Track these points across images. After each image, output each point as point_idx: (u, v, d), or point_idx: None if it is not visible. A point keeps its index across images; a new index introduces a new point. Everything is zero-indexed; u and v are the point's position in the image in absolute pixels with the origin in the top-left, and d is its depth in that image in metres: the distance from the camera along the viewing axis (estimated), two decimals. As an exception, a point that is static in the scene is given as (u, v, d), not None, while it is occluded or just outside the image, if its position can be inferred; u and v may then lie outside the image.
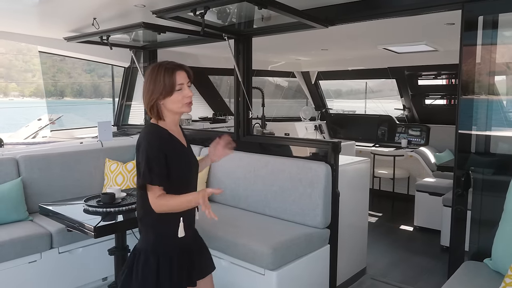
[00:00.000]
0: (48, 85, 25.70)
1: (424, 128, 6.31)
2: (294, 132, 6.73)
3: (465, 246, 2.62)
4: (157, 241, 1.88)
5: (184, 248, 1.93)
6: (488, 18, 2.44)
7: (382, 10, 2.88)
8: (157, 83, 1.81)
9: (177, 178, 1.85)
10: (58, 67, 25.52)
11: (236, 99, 3.72)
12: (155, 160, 1.77)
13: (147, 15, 3.12)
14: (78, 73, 24.08)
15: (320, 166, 2.98)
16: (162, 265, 1.84)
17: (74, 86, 24.80)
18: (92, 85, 27.14)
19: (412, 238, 4.66)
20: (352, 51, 5.80)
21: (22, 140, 5.72)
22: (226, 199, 3.55)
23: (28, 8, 3.26)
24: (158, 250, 1.86)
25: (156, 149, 1.79)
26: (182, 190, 1.83)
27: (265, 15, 2.99)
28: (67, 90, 28.08)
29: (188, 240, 1.94)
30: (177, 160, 1.85)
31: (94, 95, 27.44)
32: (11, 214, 3.15)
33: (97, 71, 22.45)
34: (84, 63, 17.95)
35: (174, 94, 1.81)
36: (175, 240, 1.87)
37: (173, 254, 1.87)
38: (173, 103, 1.83)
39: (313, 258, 2.89)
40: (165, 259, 1.85)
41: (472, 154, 2.59)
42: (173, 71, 1.81)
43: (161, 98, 1.82)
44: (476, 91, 2.53)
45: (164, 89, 1.80)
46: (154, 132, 1.86)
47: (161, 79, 1.80)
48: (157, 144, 1.80)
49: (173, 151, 1.85)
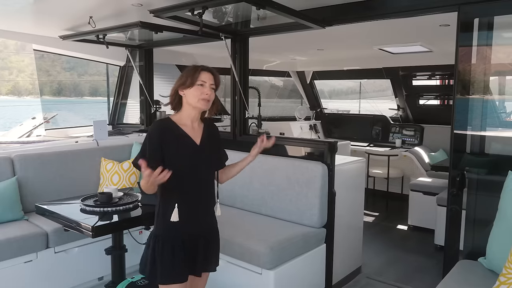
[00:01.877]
0: (26, 83, 25.18)
1: (418, 128, 6.35)
2: (289, 132, 6.74)
3: (460, 245, 2.66)
4: (160, 227, 1.97)
5: (190, 237, 1.98)
6: (483, 20, 2.47)
7: (378, 12, 2.90)
8: (184, 75, 2.01)
9: (171, 168, 1.86)
10: (36, 65, 25.08)
11: (232, 98, 3.73)
12: (149, 144, 1.94)
13: (143, 14, 3.11)
14: (57, 71, 23.48)
15: (317, 166, 3.00)
16: (166, 250, 1.93)
17: (53, 84, 24.24)
18: (71, 84, 26.61)
19: (406, 237, 4.71)
20: (348, 51, 5.82)
21: (16, 139, 5.68)
22: (222, 199, 3.53)
23: (24, 6, 3.24)
24: (162, 236, 1.95)
25: (153, 136, 1.96)
26: (178, 182, 1.92)
27: (261, 15, 3.00)
28: (45, 89, 27.47)
29: (193, 229, 2.00)
30: (172, 150, 1.95)
31: (73, 93, 26.96)
32: (6, 214, 3.13)
33: (77, 69, 21.94)
34: (64, 60, 17.54)
35: (194, 87, 1.97)
36: (176, 227, 1.94)
37: (176, 241, 1.94)
38: (192, 96, 1.97)
39: (309, 257, 2.91)
40: (168, 244, 1.93)
41: (467, 154, 2.62)
42: (201, 70, 2.01)
43: (182, 88, 1.98)
44: (472, 91, 2.56)
45: (187, 80, 1.97)
46: (159, 121, 2.08)
47: (189, 73, 2.00)
48: (155, 132, 1.97)
49: (170, 142, 1.95)
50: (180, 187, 1.96)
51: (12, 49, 23.01)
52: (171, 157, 1.94)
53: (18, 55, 24.85)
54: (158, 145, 1.92)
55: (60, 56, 5.16)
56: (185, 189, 1.98)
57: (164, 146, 1.93)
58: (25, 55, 23.83)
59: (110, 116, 5.38)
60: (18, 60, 26.35)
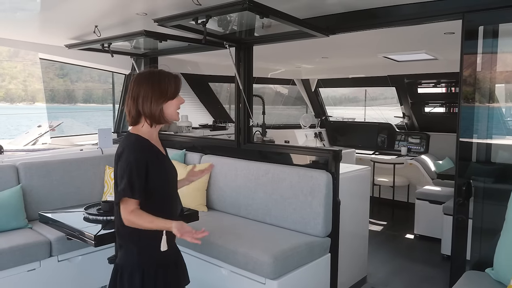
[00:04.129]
0: (18, 90, 25.11)
1: (424, 136, 6.32)
2: (294, 140, 6.73)
3: (467, 255, 2.62)
4: (141, 256, 1.84)
5: (168, 262, 1.91)
6: (488, 28, 2.45)
7: (382, 20, 2.89)
8: (167, 85, 1.84)
9: (157, 190, 1.83)
10: (28, 72, 24.82)
11: (237, 106, 3.72)
12: (138, 174, 1.75)
13: (148, 23, 3.13)
14: (50, 77, 23.41)
15: (321, 175, 2.98)
16: (147, 280, 1.82)
17: (46, 91, 24.18)
18: (65, 90, 26.57)
19: (412, 247, 4.65)
20: (353, 59, 5.82)
21: (22, 147, 5.71)
22: (226, 207, 3.54)
23: (31, 16, 3.27)
24: (143, 265, 1.83)
25: (140, 163, 1.77)
26: (162, 203, 1.84)
27: (265, 24, 3.01)
28: (38, 96, 27.27)
29: (172, 253, 1.92)
30: (158, 173, 1.83)
31: (67, 100, 26.92)
32: (10, 222, 3.13)
33: (70, 76, 21.92)
34: (57, 67, 17.53)
35: (176, 98, 1.86)
36: (159, 254, 1.82)
37: (158, 269, 1.85)
38: (173, 107, 1.86)
39: (314, 267, 2.88)
40: (150, 274, 1.83)
41: (473, 162, 2.59)
42: (176, 76, 1.88)
43: (164, 101, 1.83)
44: (477, 99, 2.54)
45: (174, 91, 1.85)
46: (137, 143, 1.84)
47: (170, 82, 1.85)
48: (140, 157, 1.79)
49: (154, 165, 1.83)
50: (168, 212, 1.87)
51: (5, 55, 22.98)
52: (157, 180, 1.82)
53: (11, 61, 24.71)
54: (145, 173, 1.77)
55: (53, 62, 5.15)
56: (170, 213, 1.90)
57: (150, 171, 1.79)
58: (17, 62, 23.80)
59: (115, 123, 5.40)
60: (11, 66, 26.29)
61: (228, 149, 3.80)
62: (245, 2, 2.26)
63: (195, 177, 2.30)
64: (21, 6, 3.05)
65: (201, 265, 2.93)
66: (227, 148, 3.83)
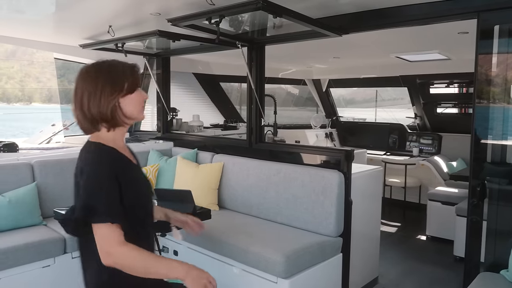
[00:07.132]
0: (15, 90, 25.21)
1: (436, 136, 6.26)
2: (305, 140, 6.72)
3: (481, 257, 2.59)
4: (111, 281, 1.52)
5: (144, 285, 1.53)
6: (504, 27, 2.43)
7: (395, 19, 2.87)
8: (122, 77, 1.50)
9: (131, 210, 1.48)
10: (25, 72, 24.78)
11: (248, 106, 3.74)
12: (110, 191, 1.41)
13: (161, 23, 3.16)
14: (47, 78, 23.19)
15: (333, 174, 2.98)
16: None
17: (43, 91, 23.91)
18: (62, 91, 26.72)
19: (424, 248, 4.62)
20: (364, 59, 5.80)
21: (37, 145, 5.80)
22: (237, 206, 3.55)
23: (46, 16, 3.32)
24: None
25: (110, 176, 1.42)
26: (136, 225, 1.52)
27: (277, 23, 3.01)
28: (35, 96, 27.25)
29: None
30: (134, 187, 1.51)
31: (64, 100, 27.04)
32: (25, 219, 3.18)
33: (67, 76, 22.10)
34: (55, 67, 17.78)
35: (135, 92, 1.53)
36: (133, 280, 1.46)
37: None
38: (134, 104, 1.53)
39: (325, 267, 2.87)
40: None
41: (487, 163, 2.56)
42: (134, 66, 1.56)
43: (123, 95, 1.49)
44: (492, 99, 2.51)
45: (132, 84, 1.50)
46: (102, 153, 1.48)
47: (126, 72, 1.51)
48: (109, 170, 1.43)
49: (128, 178, 1.49)
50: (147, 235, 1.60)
51: (2, 56, 23.17)
52: (132, 198, 1.48)
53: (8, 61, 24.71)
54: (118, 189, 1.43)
55: (50, 63, 5.22)
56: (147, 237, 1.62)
57: (123, 186, 1.45)
58: (14, 61, 23.87)
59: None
60: (8, 66, 26.25)
61: (239, 149, 3.81)
62: (259, 2, 2.27)
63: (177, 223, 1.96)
64: (36, 7, 3.10)
65: (213, 264, 2.95)
66: (238, 147, 3.84)
